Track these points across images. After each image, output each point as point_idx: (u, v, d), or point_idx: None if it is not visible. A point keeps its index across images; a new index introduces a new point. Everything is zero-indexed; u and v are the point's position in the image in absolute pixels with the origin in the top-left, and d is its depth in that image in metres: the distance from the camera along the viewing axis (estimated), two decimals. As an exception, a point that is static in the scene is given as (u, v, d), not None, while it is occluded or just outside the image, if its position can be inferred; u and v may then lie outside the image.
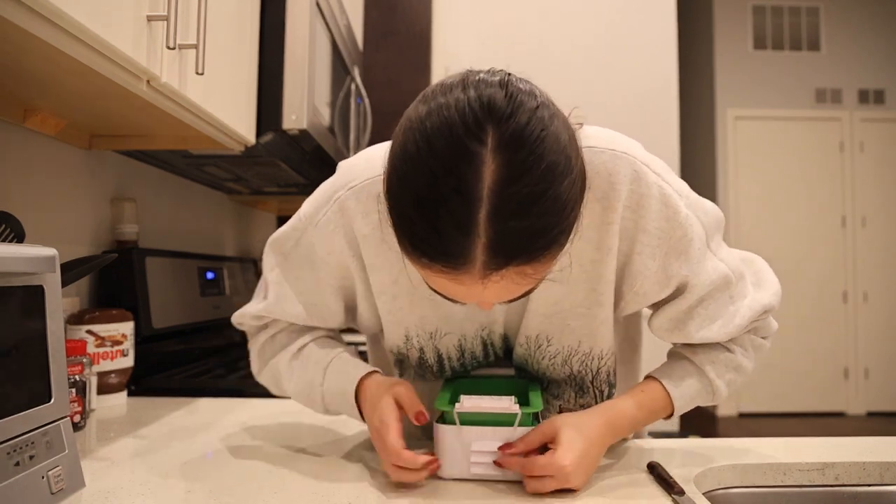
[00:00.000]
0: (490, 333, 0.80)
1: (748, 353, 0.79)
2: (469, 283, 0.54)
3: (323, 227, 0.76)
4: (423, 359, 0.81)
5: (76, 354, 0.98)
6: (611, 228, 0.70)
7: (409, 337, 0.80)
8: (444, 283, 0.56)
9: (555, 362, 0.79)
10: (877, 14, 5.14)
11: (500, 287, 0.55)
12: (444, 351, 0.80)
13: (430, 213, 0.52)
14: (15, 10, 0.60)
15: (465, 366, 0.82)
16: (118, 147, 1.26)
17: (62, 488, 0.64)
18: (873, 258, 5.10)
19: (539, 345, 0.78)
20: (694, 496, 0.67)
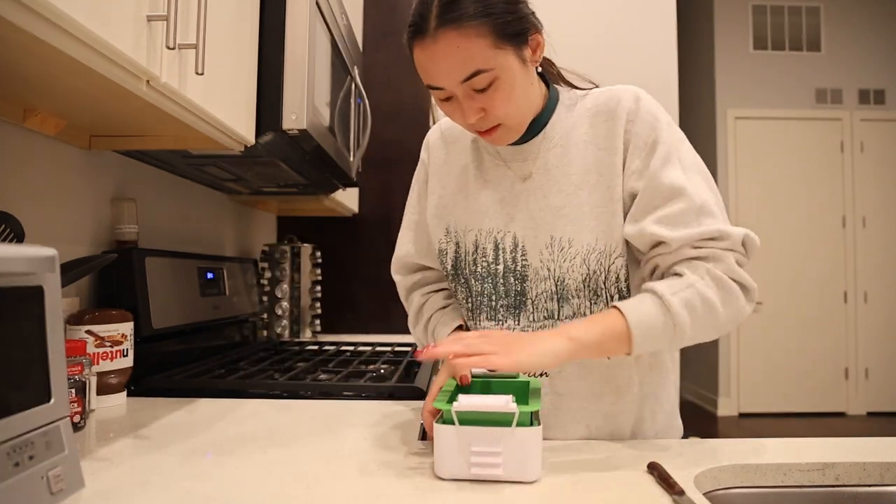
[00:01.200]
0: (504, 236, 0.95)
1: (707, 282, 0.82)
2: (428, 45, 0.82)
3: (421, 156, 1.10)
4: (458, 252, 1.00)
5: (76, 354, 0.98)
6: (618, 134, 0.90)
7: (449, 231, 1.01)
8: (422, 60, 0.84)
9: (574, 263, 0.90)
10: (877, 14, 5.14)
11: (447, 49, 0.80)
12: (467, 245, 0.99)
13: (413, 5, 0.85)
14: (15, 10, 0.60)
15: (476, 262, 0.97)
16: (118, 147, 1.26)
17: (62, 488, 0.64)
18: (873, 258, 5.10)
19: (562, 247, 0.91)
20: (694, 496, 0.67)
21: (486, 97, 0.84)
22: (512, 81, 0.84)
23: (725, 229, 0.84)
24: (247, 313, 1.90)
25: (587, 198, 0.90)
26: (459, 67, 0.81)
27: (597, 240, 0.89)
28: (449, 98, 0.86)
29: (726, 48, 5.11)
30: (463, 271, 1.00)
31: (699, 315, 0.81)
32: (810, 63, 5.13)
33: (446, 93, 0.85)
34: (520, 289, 0.94)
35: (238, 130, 1.15)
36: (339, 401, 1.19)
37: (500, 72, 0.82)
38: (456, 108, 0.87)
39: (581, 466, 0.79)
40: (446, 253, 1.01)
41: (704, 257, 0.84)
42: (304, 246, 2.25)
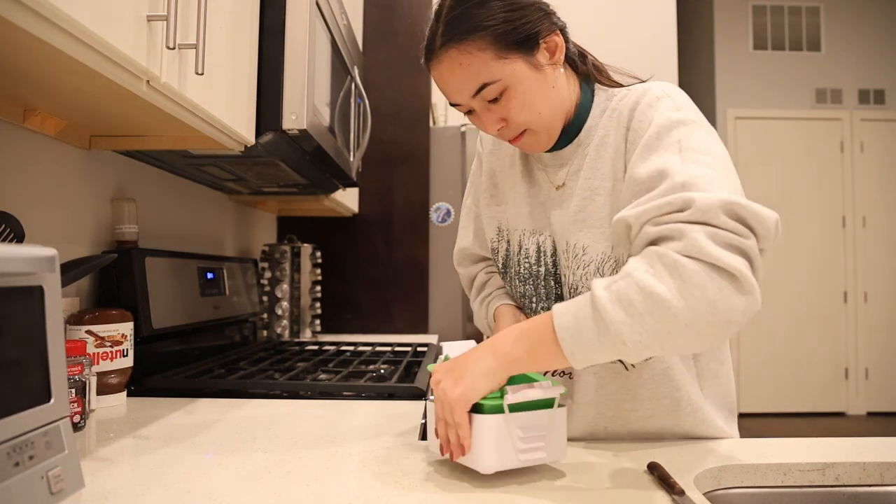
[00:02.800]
0: (545, 239, 0.95)
1: (651, 269, 0.65)
2: (435, 66, 0.84)
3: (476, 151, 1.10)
4: (508, 251, 1.01)
5: (76, 355, 0.98)
6: (623, 135, 0.86)
7: (501, 230, 1.02)
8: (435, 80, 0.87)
9: (588, 271, 0.88)
10: (877, 14, 5.14)
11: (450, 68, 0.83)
12: (514, 243, 0.99)
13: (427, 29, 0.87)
14: (15, 10, 0.60)
15: (520, 263, 0.98)
16: (118, 147, 1.26)
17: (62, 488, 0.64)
18: (873, 258, 5.10)
19: (576, 254, 0.89)
20: (694, 496, 0.67)
21: (502, 107, 0.84)
22: (524, 89, 0.83)
23: (691, 196, 0.66)
24: (247, 313, 1.90)
25: (603, 204, 0.88)
26: (466, 83, 0.83)
27: (612, 248, 0.86)
28: (470, 112, 0.87)
29: (726, 48, 5.11)
30: (510, 270, 1.00)
31: (639, 311, 0.63)
32: (810, 63, 5.13)
33: (464, 108, 0.87)
34: (559, 293, 0.94)
35: (238, 130, 1.15)
36: (339, 401, 1.19)
37: (508, 81, 0.82)
38: (478, 121, 0.88)
39: (581, 466, 0.79)
40: (497, 252, 1.03)
41: (662, 237, 0.66)
42: (304, 246, 2.25)
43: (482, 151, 1.08)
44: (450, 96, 0.87)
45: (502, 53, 0.81)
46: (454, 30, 0.81)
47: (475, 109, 0.86)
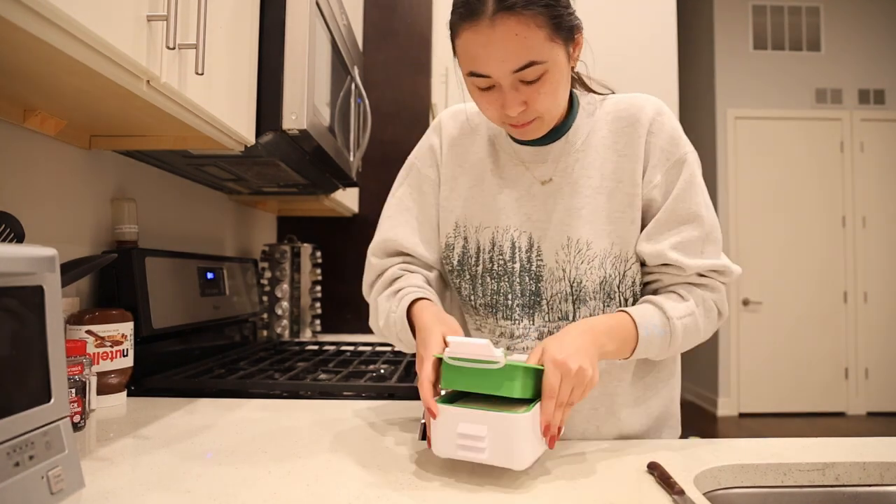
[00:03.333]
0: (520, 235, 0.94)
1: (700, 309, 0.90)
2: (484, 30, 0.77)
3: (429, 138, 1.04)
4: (465, 248, 0.98)
5: (76, 354, 0.98)
6: (640, 142, 0.91)
7: (458, 225, 0.99)
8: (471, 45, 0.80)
9: (592, 266, 0.90)
10: (877, 14, 5.14)
11: (505, 36, 0.77)
12: (481, 242, 0.97)
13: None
14: (15, 10, 0.60)
15: (492, 260, 0.96)
16: (118, 147, 1.26)
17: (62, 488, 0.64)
18: (873, 258, 5.10)
19: (580, 249, 0.91)
20: (694, 496, 0.67)
21: (532, 90, 0.82)
22: (559, 77, 0.83)
23: (729, 266, 0.91)
24: (247, 313, 1.90)
25: (605, 203, 0.91)
26: (515, 56, 0.79)
27: (612, 244, 0.90)
28: (490, 87, 0.83)
29: (726, 48, 5.11)
30: (471, 269, 0.97)
31: (689, 338, 0.89)
32: (810, 63, 5.13)
33: (490, 81, 0.82)
34: (534, 288, 0.94)
35: (238, 130, 1.15)
36: (339, 401, 1.19)
37: (550, 65, 0.81)
38: (496, 99, 0.84)
39: (581, 466, 0.79)
40: (453, 248, 0.99)
41: (705, 285, 0.91)
42: (304, 246, 2.25)
43: (439, 143, 1.02)
44: (486, 66, 0.80)
45: (553, 36, 0.79)
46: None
47: (501, 86, 0.82)
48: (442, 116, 1.05)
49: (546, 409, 0.73)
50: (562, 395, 0.74)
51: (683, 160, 0.91)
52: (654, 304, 0.89)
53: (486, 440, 0.70)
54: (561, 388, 0.74)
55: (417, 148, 1.06)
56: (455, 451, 0.72)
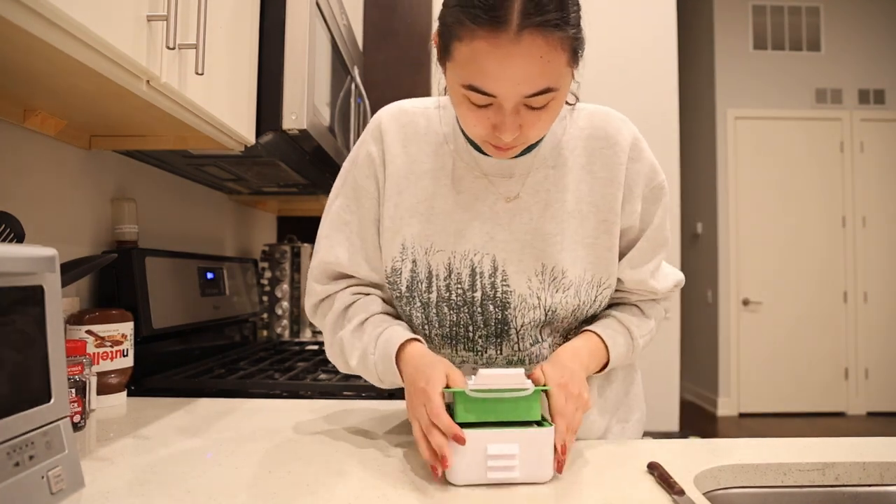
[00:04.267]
0: (482, 258, 0.85)
1: (656, 323, 0.95)
2: (505, 44, 0.66)
3: (366, 144, 0.90)
4: (414, 272, 0.86)
5: (76, 354, 0.98)
6: (620, 168, 0.85)
7: (405, 247, 0.86)
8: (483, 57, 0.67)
9: (567, 294, 0.86)
10: (877, 14, 5.13)
11: (528, 54, 0.66)
12: (434, 267, 0.86)
13: None
14: (15, 10, 0.60)
15: (449, 289, 0.86)
16: (118, 147, 1.26)
17: (62, 488, 0.64)
18: (873, 258, 5.10)
19: (555, 277, 0.85)
20: (694, 496, 0.67)
21: (534, 116, 0.73)
22: (560, 105, 0.75)
23: (681, 278, 0.97)
24: (247, 313, 1.90)
25: (579, 227, 0.85)
26: (533, 80, 0.69)
27: (585, 271, 0.86)
28: (488, 105, 0.72)
29: (726, 48, 5.11)
30: (421, 296, 0.87)
31: (645, 349, 0.94)
32: (810, 63, 5.13)
33: (491, 100, 0.71)
34: (501, 317, 0.86)
35: (238, 130, 1.15)
36: (340, 400, 1.19)
37: (560, 92, 0.73)
38: (488, 118, 0.73)
39: (581, 466, 0.79)
40: (400, 273, 0.87)
41: (665, 298, 0.97)
42: (304, 246, 2.25)
43: (380, 151, 0.88)
44: (497, 84, 0.69)
45: (571, 61, 0.71)
46: (546, 12, 0.66)
47: (504, 108, 0.71)
48: (381, 118, 0.90)
49: (560, 429, 0.73)
50: (568, 415, 0.74)
51: (661, 187, 0.89)
52: (621, 324, 0.91)
53: (517, 458, 0.70)
54: (567, 409, 0.74)
55: (352, 155, 0.92)
56: (484, 474, 0.70)
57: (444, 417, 0.70)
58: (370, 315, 0.88)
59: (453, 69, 0.72)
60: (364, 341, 0.86)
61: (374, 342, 0.84)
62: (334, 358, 0.92)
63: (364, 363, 0.86)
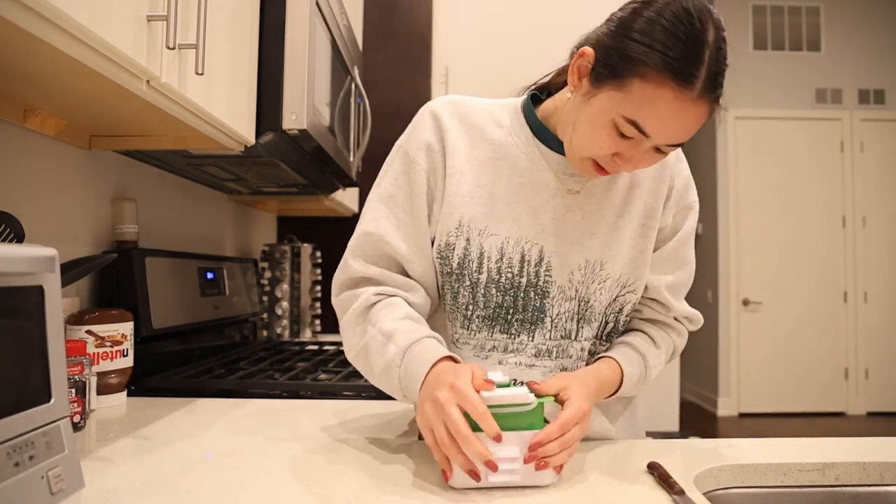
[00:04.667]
0: (532, 247, 0.89)
1: (665, 356, 0.96)
2: (687, 101, 0.72)
3: (417, 129, 0.91)
4: (467, 250, 0.89)
5: (76, 354, 0.98)
6: (665, 181, 0.92)
7: (461, 224, 0.89)
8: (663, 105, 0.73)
9: (603, 286, 0.90)
10: (877, 14, 5.13)
11: (698, 114, 0.74)
12: (486, 249, 0.89)
13: (684, 42, 0.71)
14: (15, 10, 0.60)
15: (500, 272, 0.89)
16: (118, 147, 1.26)
17: (62, 488, 0.64)
18: (873, 258, 5.10)
19: (594, 269, 0.90)
20: (694, 496, 0.67)
21: (655, 158, 0.81)
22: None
23: (698, 315, 0.98)
24: (247, 313, 1.90)
25: (623, 228, 0.90)
26: (686, 136, 0.77)
27: (621, 272, 0.91)
28: (629, 138, 0.77)
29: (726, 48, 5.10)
30: (471, 275, 0.89)
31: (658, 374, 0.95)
32: (810, 63, 5.13)
33: (639, 137, 0.76)
34: (539, 304, 0.89)
35: (238, 130, 1.15)
36: (340, 401, 1.19)
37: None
38: (616, 146, 0.78)
39: (581, 466, 0.79)
40: (454, 248, 0.89)
41: (677, 330, 0.97)
42: (304, 246, 2.25)
43: (438, 139, 0.90)
44: (660, 130, 0.75)
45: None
46: (718, 88, 0.74)
47: (642, 146, 0.77)
48: (436, 108, 0.91)
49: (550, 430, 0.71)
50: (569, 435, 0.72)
51: (691, 207, 0.94)
52: (638, 353, 0.92)
53: (518, 461, 0.70)
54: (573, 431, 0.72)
55: (409, 136, 0.92)
56: (485, 477, 0.70)
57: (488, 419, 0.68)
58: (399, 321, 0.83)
59: (617, 99, 0.75)
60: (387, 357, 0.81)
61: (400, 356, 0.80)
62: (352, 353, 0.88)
63: (388, 376, 0.81)
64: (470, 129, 0.91)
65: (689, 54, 0.71)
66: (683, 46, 0.71)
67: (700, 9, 0.73)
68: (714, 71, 0.72)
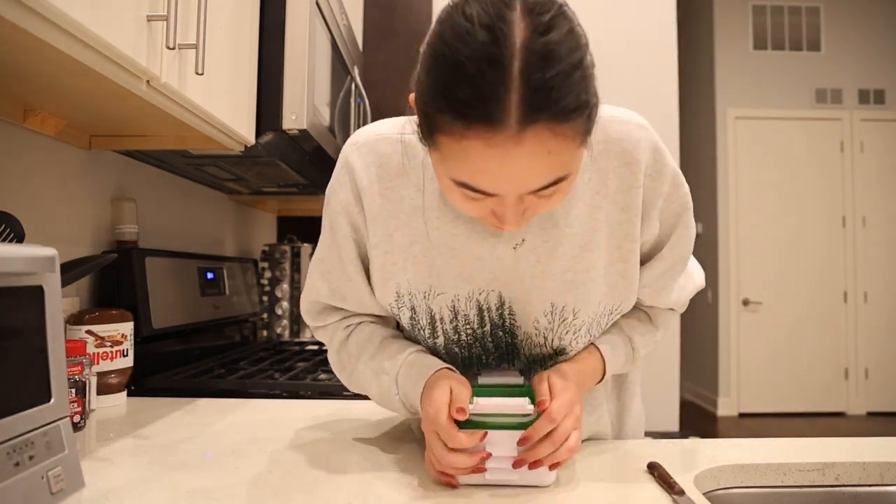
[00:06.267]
0: (487, 297, 0.77)
1: (661, 332, 0.89)
2: (505, 143, 0.55)
3: (335, 191, 0.80)
4: (414, 319, 0.80)
5: (76, 354, 0.98)
6: (636, 192, 0.75)
7: (400, 294, 0.79)
8: (478, 158, 0.57)
9: (579, 334, 0.80)
10: (877, 14, 5.14)
11: (534, 151, 0.55)
12: (436, 311, 0.79)
13: (469, 70, 0.54)
14: (15, 10, 0.60)
15: (458, 331, 0.80)
16: (118, 147, 1.26)
17: (62, 488, 0.64)
18: (873, 258, 5.10)
19: (565, 318, 0.78)
20: (694, 496, 0.67)
21: (542, 202, 0.63)
22: (573, 181, 0.63)
23: (699, 285, 0.91)
24: (247, 313, 1.90)
25: (594, 260, 0.76)
26: (540, 177, 0.58)
27: (600, 303, 0.79)
28: (481, 197, 0.61)
29: (726, 48, 5.11)
30: (425, 341, 0.82)
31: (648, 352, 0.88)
32: (810, 63, 5.13)
33: (494, 197, 0.61)
34: (510, 341, 0.81)
35: (238, 130, 1.15)
36: (340, 400, 1.19)
37: (572, 175, 0.62)
38: (485, 206, 0.63)
39: (581, 466, 0.79)
40: (399, 318, 0.82)
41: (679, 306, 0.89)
42: (304, 246, 2.25)
43: (356, 194, 0.78)
44: (496, 185, 0.59)
45: (585, 139, 0.59)
46: (554, 102, 0.54)
47: (506, 200, 0.61)
48: (349, 159, 0.78)
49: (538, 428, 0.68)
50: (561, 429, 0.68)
51: (684, 204, 0.79)
52: (622, 332, 0.85)
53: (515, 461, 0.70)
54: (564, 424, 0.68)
55: (329, 194, 0.82)
56: (483, 474, 0.70)
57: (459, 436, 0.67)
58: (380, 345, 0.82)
59: (437, 160, 0.62)
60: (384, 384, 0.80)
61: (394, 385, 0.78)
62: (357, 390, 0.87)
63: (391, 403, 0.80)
64: (390, 178, 0.77)
65: (479, 86, 0.54)
66: (470, 78, 0.54)
67: (487, 11, 0.54)
68: (534, 86, 0.53)
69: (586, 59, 0.57)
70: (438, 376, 0.73)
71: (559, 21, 0.55)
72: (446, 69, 0.56)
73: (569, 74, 0.55)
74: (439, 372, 0.75)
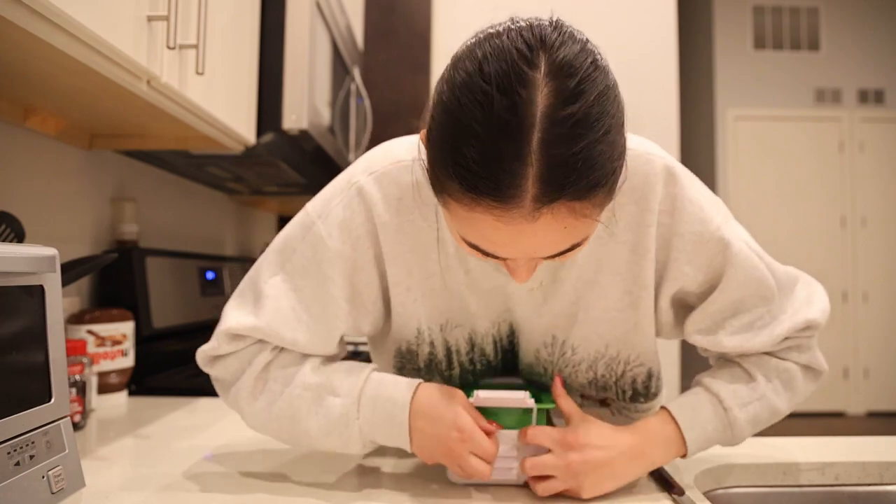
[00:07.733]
0: (499, 328, 0.76)
1: (773, 385, 0.72)
2: (518, 220, 0.50)
3: (336, 216, 0.71)
4: (432, 354, 0.76)
5: (76, 354, 0.98)
6: (648, 231, 0.68)
7: (421, 331, 0.74)
8: (488, 229, 0.52)
9: (579, 369, 0.76)
10: (877, 14, 5.14)
11: (549, 229, 0.51)
12: (453, 344, 0.75)
13: (481, 139, 0.48)
14: (15, 10, 0.60)
15: (473, 362, 0.77)
16: (118, 147, 1.26)
17: (62, 488, 0.64)
18: (873, 258, 5.10)
19: (564, 352, 0.75)
20: (694, 496, 0.67)
21: (556, 262, 0.63)
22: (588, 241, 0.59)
23: (814, 318, 0.75)
24: (247, 313, 1.90)
25: (597, 300, 0.72)
26: (556, 247, 0.55)
27: (607, 346, 0.74)
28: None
29: (726, 48, 5.11)
30: (442, 373, 0.77)
31: (760, 425, 0.73)
32: (810, 63, 5.13)
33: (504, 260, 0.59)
34: (516, 363, 0.81)
35: (238, 130, 1.15)
36: (340, 401, 1.19)
37: (589, 237, 0.57)
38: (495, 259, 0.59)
39: (581, 466, 0.79)
40: (417, 354, 0.76)
41: (788, 348, 0.75)
42: (304, 246, 2.25)
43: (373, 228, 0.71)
44: (508, 253, 0.55)
45: (606, 202, 0.54)
46: (573, 179, 0.49)
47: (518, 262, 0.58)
48: (364, 186, 0.71)
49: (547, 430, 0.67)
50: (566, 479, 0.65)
51: (722, 240, 0.69)
52: (707, 389, 0.73)
53: (515, 461, 0.69)
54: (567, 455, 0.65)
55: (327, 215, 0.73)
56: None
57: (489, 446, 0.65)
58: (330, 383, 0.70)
59: (448, 216, 0.57)
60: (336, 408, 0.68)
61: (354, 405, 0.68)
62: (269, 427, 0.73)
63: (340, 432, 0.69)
64: (409, 211, 0.70)
65: (492, 158, 0.48)
66: (482, 146, 0.48)
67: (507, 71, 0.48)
68: (555, 163, 0.48)
69: (616, 118, 0.51)
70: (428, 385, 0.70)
71: (588, 86, 0.49)
72: (456, 130, 0.50)
73: (594, 147, 0.49)
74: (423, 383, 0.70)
